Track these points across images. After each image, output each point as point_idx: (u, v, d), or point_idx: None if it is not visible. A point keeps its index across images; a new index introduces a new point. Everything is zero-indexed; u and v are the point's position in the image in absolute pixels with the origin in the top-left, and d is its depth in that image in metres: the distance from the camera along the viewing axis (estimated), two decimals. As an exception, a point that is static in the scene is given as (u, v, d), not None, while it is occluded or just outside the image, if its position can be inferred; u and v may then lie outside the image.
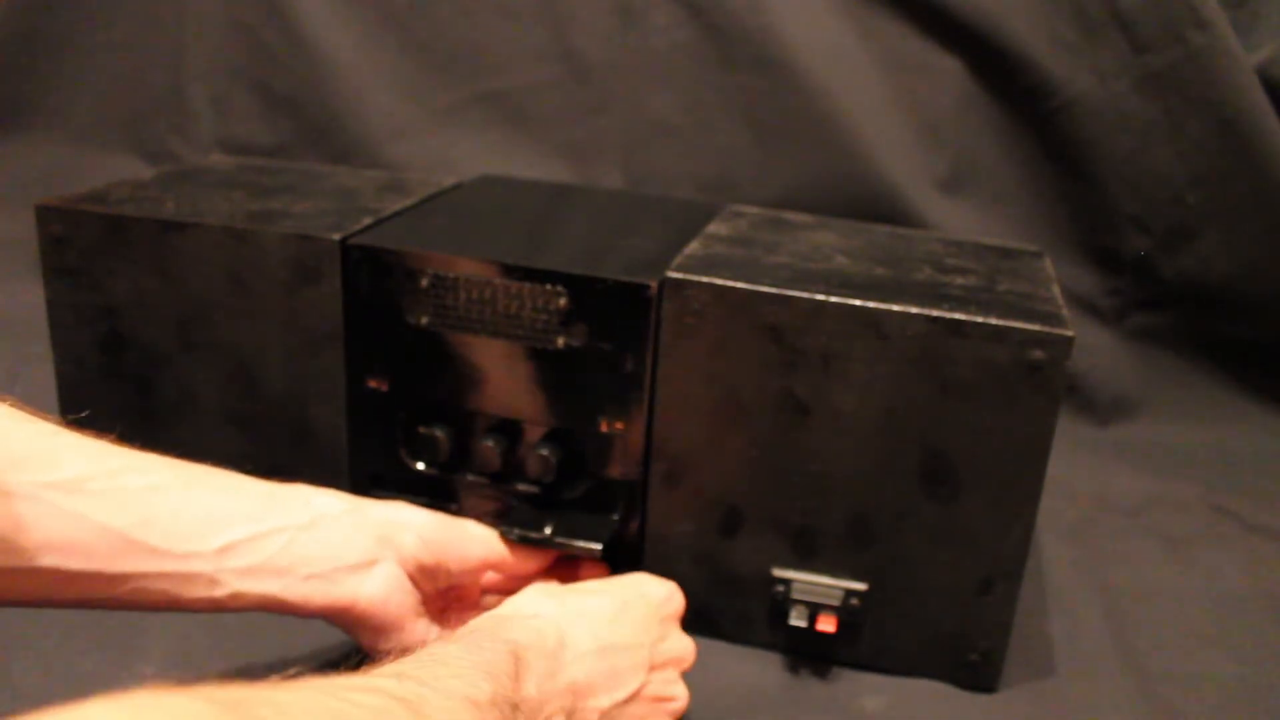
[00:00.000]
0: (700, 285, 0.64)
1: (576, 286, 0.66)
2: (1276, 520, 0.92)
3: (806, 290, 0.63)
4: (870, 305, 0.62)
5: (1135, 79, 1.03)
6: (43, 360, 0.78)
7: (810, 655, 0.69)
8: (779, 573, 0.67)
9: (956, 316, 0.61)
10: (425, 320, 0.69)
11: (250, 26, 1.21)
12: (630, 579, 0.61)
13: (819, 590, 0.66)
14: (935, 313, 0.61)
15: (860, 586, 0.66)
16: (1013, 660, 0.67)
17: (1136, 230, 1.07)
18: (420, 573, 0.59)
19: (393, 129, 1.19)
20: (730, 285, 0.64)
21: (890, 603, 0.67)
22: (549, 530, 0.66)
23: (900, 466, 0.64)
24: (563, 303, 0.66)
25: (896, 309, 0.62)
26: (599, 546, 0.66)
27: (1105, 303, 1.10)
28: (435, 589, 0.61)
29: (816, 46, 1.08)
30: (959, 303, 0.63)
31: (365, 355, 0.71)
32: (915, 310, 0.62)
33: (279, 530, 0.54)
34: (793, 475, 0.66)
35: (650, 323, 0.65)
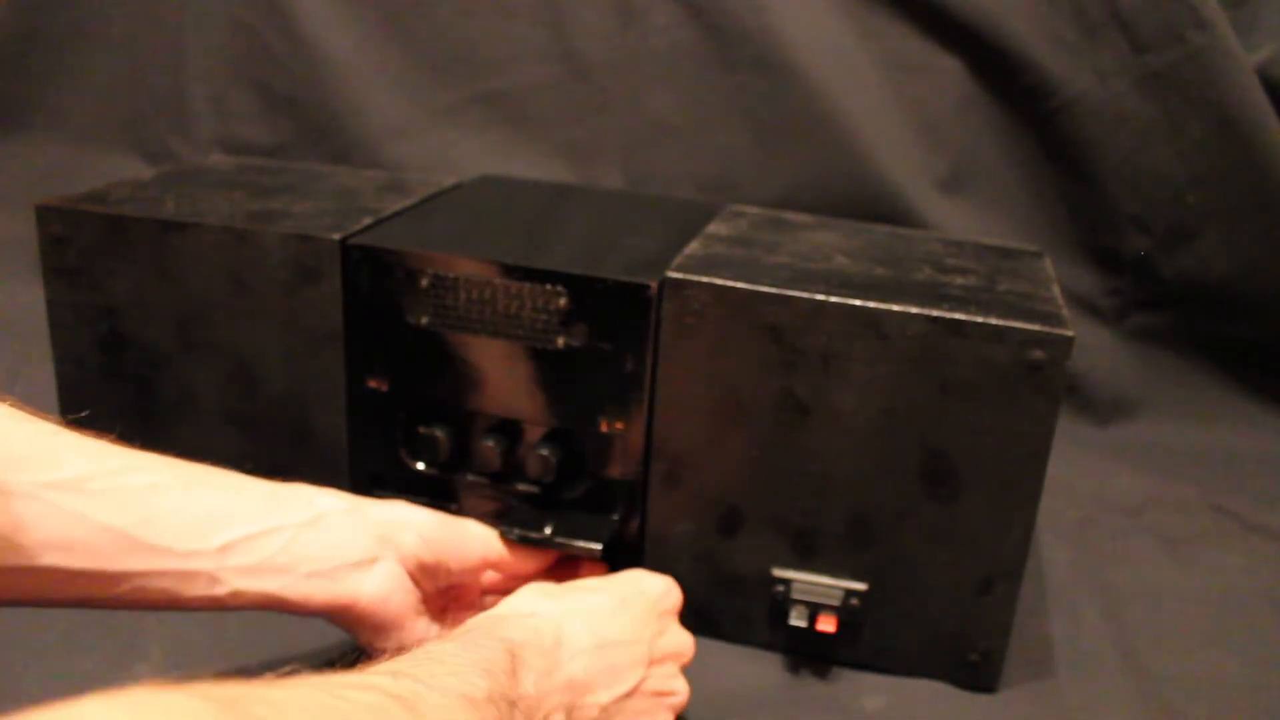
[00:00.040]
0: (700, 285, 0.64)
1: (576, 286, 0.66)
2: (1276, 520, 0.92)
3: (806, 290, 0.63)
4: (870, 305, 0.62)
5: (1135, 79, 1.03)
6: (43, 360, 0.78)
7: (810, 655, 0.69)
8: (779, 573, 0.67)
9: (956, 316, 0.61)
10: (425, 320, 0.69)
11: (250, 26, 1.21)
12: (628, 575, 0.61)
13: (819, 590, 0.66)
14: (935, 313, 0.61)
15: (860, 586, 0.66)
16: (1013, 660, 0.67)
17: (1136, 230, 1.07)
18: (420, 571, 0.59)
19: (393, 129, 1.19)
20: (730, 285, 0.64)
21: (890, 603, 0.67)
22: (549, 530, 0.66)
23: (900, 466, 0.64)
24: (563, 303, 0.66)
25: (896, 309, 0.62)
26: (599, 546, 0.66)
27: (1105, 303, 1.10)
28: (435, 588, 0.61)
29: (816, 46, 1.08)
30: (959, 303, 0.63)
31: (365, 355, 0.71)
32: (915, 310, 0.62)
33: (280, 529, 0.54)
34: (793, 475, 0.66)
35: (650, 323, 0.65)
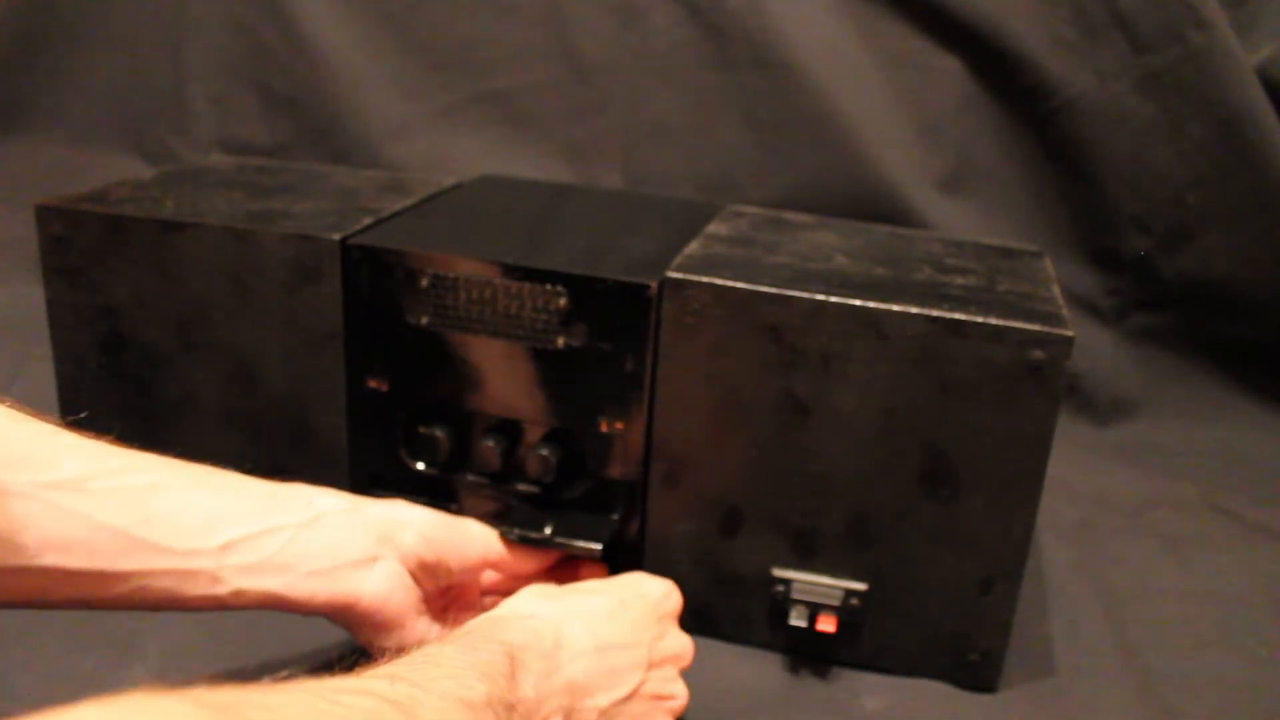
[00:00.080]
0: (700, 285, 0.64)
1: (576, 286, 0.66)
2: (1276, 520, 0.92)
3: (806, 290, 0.63)
4: (870, 305, 0.62)
5: (1135, 79, 1.03)
6: (43, 360, 0.78)
7: (810, 655, 0.69)
8: (779, 573, 0.67)
9: (956, 316, 0.61)
10: (425, 320, 0.69)
11: (250, 26, 1.21)
12: (628, 578, 0.61)
13: (819, 590, 0.66)
14: (935, 313, 0.61)
15: (860, 586, 0.66)
16: (1013, 660, 0.67)
17: (1136, 230, 1.07)
18: (421, 570, 0.59)
19: (393, 129, 1.19)
20: (730, 285, 0.64)
21: (890, 603, 0.67)
22: (549, 530, 0.66)
23: (900, 466, 0.64)
24: (563, 303, 0.66)
25: (896, 309, 0.62)
26: (599, 546, 0.66)
27: (1105, 303, 1.10)
28: (436, 587, 0.61)
29: (816, 46, 1.08)
30: (959, 303, 0.63)
31: (365, 355, 0.71)
32: (915, 310, 0.62)
33: (281, 528, 0.54)
34: (793, 475, 0.66)
35: (650, 323, 0.65)
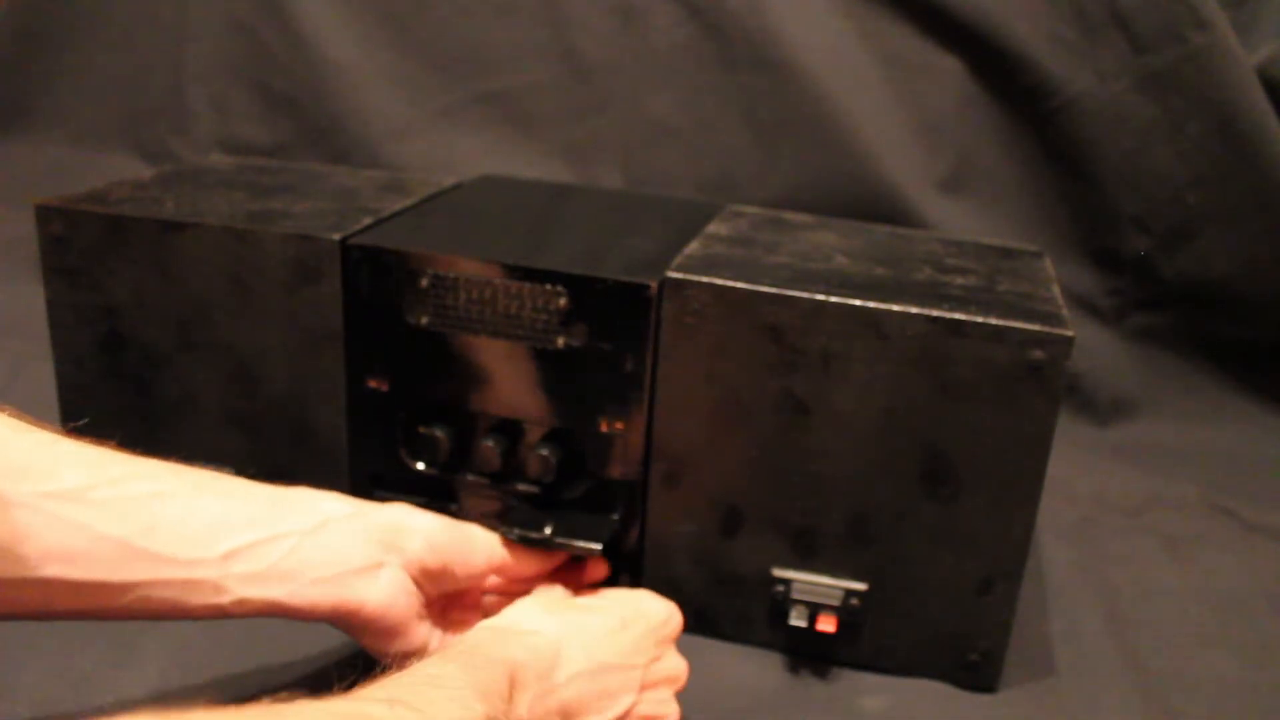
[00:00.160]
0: (700, 285, 0.64)
1: (576, 286, 0.66)
2: (1276, 520, 0.92)
3: (806, 290, 0.63)
4: (870, 305, 0.62)
5: (1135, 79, 1.03)
6: (43, 360, 0.78)
7: (810, 655, 0.69)
8: (779, 573, 0.67)
9: (956, 316, 0.61)
10: (425, 320, 0.69)
11: (250, 26, 1.21)
12: (631, 595, 0.61)
13: (819, 590, 0.66)
14: (935, 313, 0.61)
15: (860, 586, 0.66)
16: (1013, 660, 0.67)
17: (1136, 230, 1.07)
18: (425, 576, 0.59)
19: (393, 129, 1.19)
20: (730, 285, 0.64)
21: (890, 603, 0.67)
22: (549, 530, 0.66)
23: (900, 466, 0.64)
24: (563, 303, 0.66)
25: (896, 309, 0.62)
26: (599, 546, 0.66)
27: (1105, 303, 1.10)
28: (439, 592, 0.61)
29: (816, 46, 1.08)
30: (959, 303, 0.63)
31: (365, 355, 0.71)
32: (915, 310, 0.62)
33: (285, 536, 0.54)
34: (793, 475, 0.66)
35: (650, 323, 0.65)
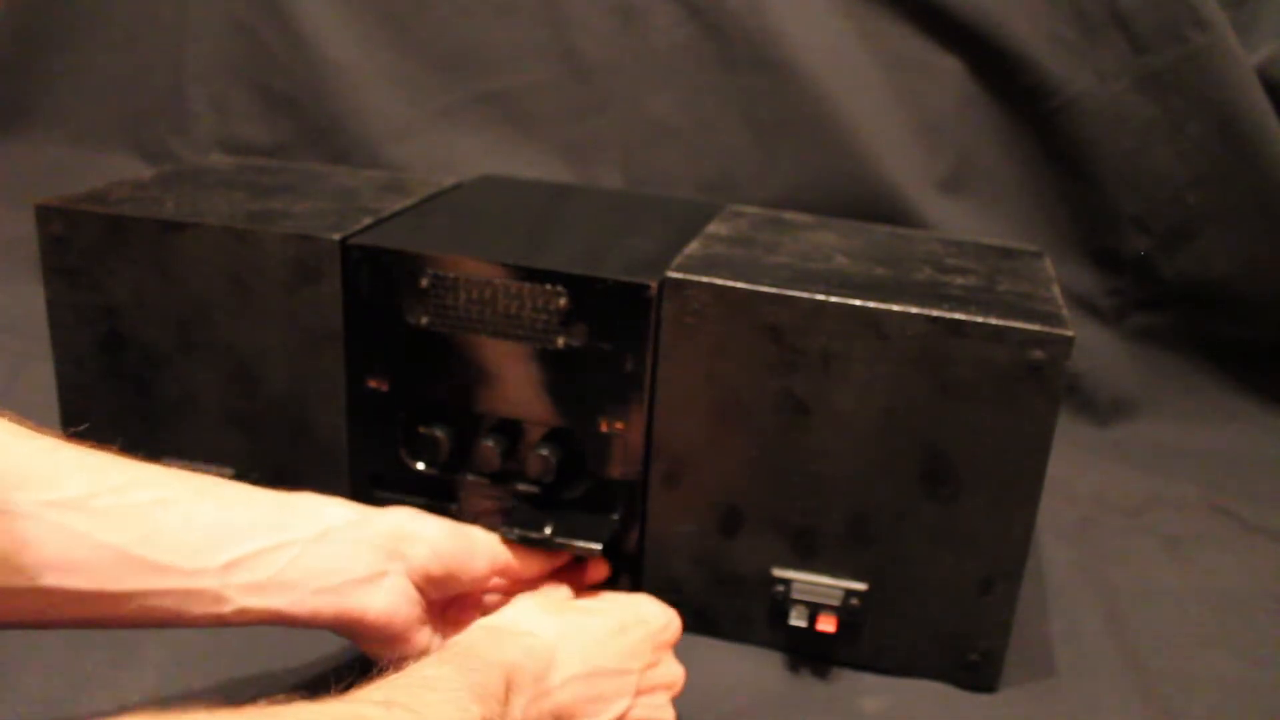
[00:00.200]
0: (700, 285, 0.64)
1: (576, 286, 0.66)
2: (1276, 520, 0.92)
3: (806, 290, 0.63)
4: (870, 305, 0.62)
5: (1135, 79, 1.03)
6: (43, 360, 0.78)
7: (810, 655, 0.69)
8: (779, 573, 0.67)
9: (956, 316, 0.61)
10: (425, 320, 0.69)
11: (250, 26, 1.21)
12: (632, 600, 0.61)
13: (819, 590, 0.66)
14: (935, 313, 0.61)
15: (860, 586, 0.66)
16: (1013, 660, 0.67)
17: (1136, 230, 1.07)
18: (428, 583, 0.58)
19: (393, 129, 1.19)
20: (730, 285, 0.64)
21: (890, 603, 0.67)
22: (549, 530, 0.66)
23: (900, 466, 0.64)
24: (563, 303, 0.66)
25: (896, 309, 0.62)
26: (599, 546, 0.66)
27: (1105, 303, 1.11)
28: (442, 597, 0.61)
29: (816, 46, 1.08)
30: (959, 303, 0.63)
31: (365, 355, 0.71)
32: (915, 310, 0.62)
33: (287, 545, 0.53)
34: (793, 475, 0.66)
35: (650, 323, 0.65)
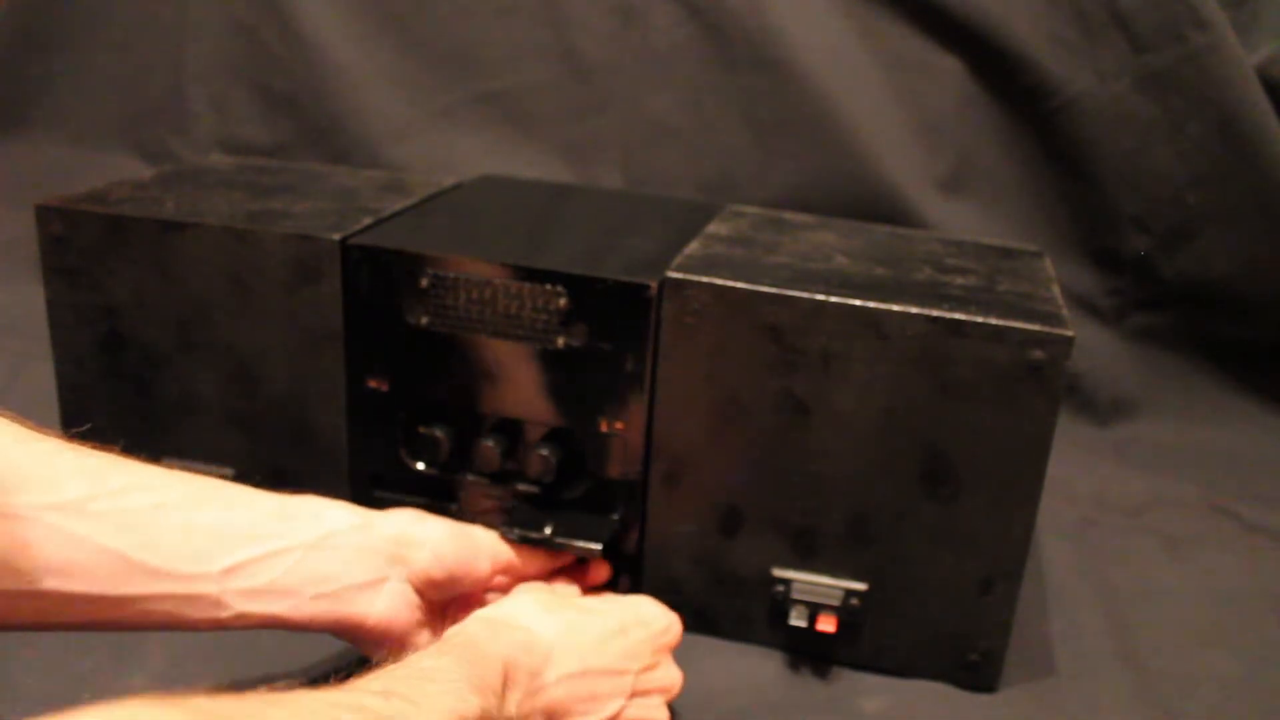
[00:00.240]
0: (700, 285, 0.64)
1: (576, 286, 0.66)
2: (1276, 520, 0.92)
3: (806, 290, 0.63)
4: (870, 305, 0.62)
5: (1135, 79, 1.03)
6: (43, 360, 0.78)
7: (810, 655, 0.69)
8: (779, 573, 0.67)
9: (956, 316, 0.61)
10: (425, 320, 0.69)
11: (250, 26, 1.21)
12: (633, 601, 0.61)
13: (819, 590, 0.66)
14: (935, 313, 0.61)
15: (860, 586, 0.66)
16: (1013, 660, 0.67)
17: (1136, 230, 1.07)
18: (429, 587, 0.58)
19: (393, 129, 1.19)
20: (730, 285, 0.64)
21: (890, 603, 0.67)
22: (549, 530, 0.66)
23: (900, 466, 0.64)
24: (563, 303, 0.66)
25: (896, 309, 0.62)
26: (599, 546, 0.66)
27: (1105, 303, 1.10)
28: (443, 599, 0.61)
29: (816, 46, 1.08)
30: (959, 303, 0.63)
31: (365, 355, 0.71)
32: (915, 310, 0.62)
33: (287, 550, 0.53)
34: (793, 475, 0.66)
35: (650, 323, 0.65)
